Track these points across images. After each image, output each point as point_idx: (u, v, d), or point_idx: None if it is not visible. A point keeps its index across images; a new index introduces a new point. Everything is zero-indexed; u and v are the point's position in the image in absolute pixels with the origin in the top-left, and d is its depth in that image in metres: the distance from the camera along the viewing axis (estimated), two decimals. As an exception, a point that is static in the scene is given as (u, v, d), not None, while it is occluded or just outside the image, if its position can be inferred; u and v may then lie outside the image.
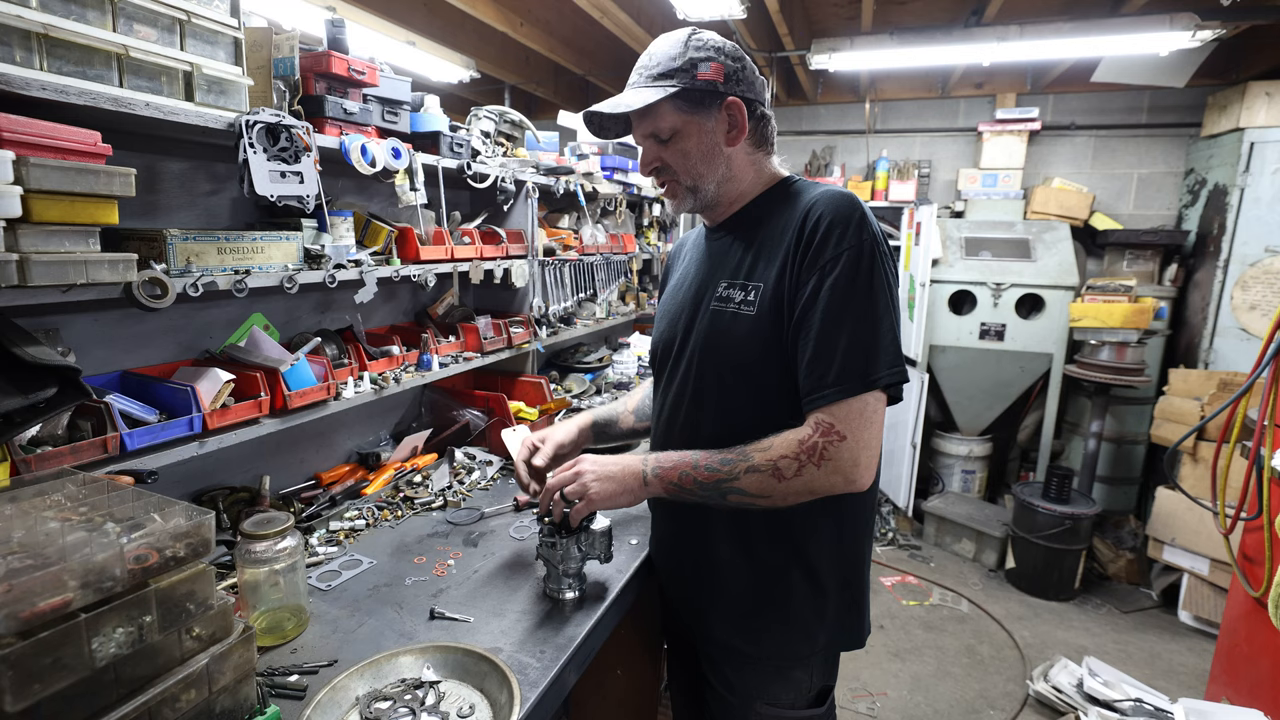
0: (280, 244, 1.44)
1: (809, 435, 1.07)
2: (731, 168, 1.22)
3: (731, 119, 1.18)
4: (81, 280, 1.02)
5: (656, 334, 1.41)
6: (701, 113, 1.17)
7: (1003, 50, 3.34)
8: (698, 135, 1.18)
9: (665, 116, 1.18)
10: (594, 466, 1.22)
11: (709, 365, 1.23)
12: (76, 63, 1.07)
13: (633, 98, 1.16)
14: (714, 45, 1.16)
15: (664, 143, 1.20)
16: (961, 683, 2.91)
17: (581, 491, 1.20)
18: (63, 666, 0.73)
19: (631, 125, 1.25)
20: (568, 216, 2.79)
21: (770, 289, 1.15)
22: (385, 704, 1.02)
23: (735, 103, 1.17)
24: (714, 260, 1.28)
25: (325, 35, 1.57)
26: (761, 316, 1.15)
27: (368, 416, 2.11)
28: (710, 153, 1.20)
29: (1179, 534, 3.32)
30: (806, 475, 1.07)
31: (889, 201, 4.66)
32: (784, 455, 1.08)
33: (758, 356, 1.16)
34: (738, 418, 1.19)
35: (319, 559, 1.50)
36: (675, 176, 1.23)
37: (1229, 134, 3.68)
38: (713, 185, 1.23)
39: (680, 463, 1.16)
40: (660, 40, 1.19)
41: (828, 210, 1.11)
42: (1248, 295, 3.61)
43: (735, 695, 1.29)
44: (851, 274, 1.07)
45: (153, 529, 0.83)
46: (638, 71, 1.20)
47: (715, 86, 1.15)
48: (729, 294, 1.21)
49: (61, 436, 1.17)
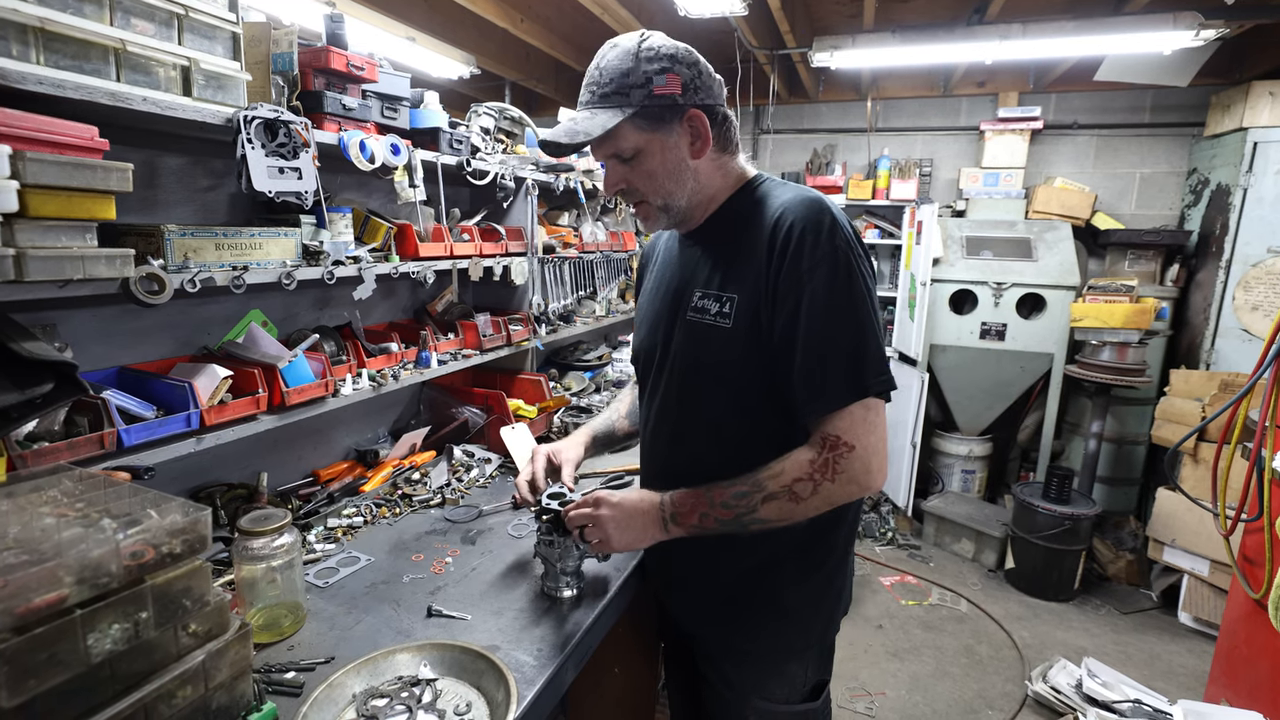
0: (278, 240, 1.43)
1: (818, 454, 1.07)
2: (699, 179, 1.18)
3: (694, 131, 1.14)
4: (78, 276, 1.02)
5: (637, 340, 1.41)
6: (663, 129, 1.12)
7: (1005, 49, 3.33)
8: (661, 153, 1.14)
9: (625, 137, 1.12)
10: (613, 512, 1.19)
11: (689, 376, 1.22)
12: (73, 57, 1.06)
13: (589, 124, 1.10)
14: (667, 54, 1.10)
15: (627, 161, 1.16)
16: (960, 683, 2.91)
17: (603, 537, 1.19)
18: (58, 662, 0.72)
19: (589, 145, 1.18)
20: (567, 214, 2.78)
21: (746, 300, 1.14)
22: (382, 701, 1.02)
23: (697, 114, 1.13)
24: (688, 267, 1.26)
25: (324, 30, 1.56)
26: (738, 328, 1.14)
27: (366, 414, 2.11)
28: (677, 169, 1.16)
29: (1179, 535, 3.32)
30: (823, 492, 1.07)
31: (890, 200, 4.65)
32: (797, 478, 1.08)
33: (738, 368, 1.16)
34: (722, 426, 1.20)
35: (316, 556, 1.50)
36: (644, 197, 1.19)
37: (1232, 134, 3.67)
38: (683, 200, 1.19)
39: (697, 504, 1.14)
40: (608, 52, 1.12)
41: (798, 219, 1.09)
42: (1250, 296, 3.60)
43: (732, 691, 1.29)
44: (830, 282, 1.06)
45: (149, 525, 0.83)
46: (588, 88, 1.13)
47: (674, 100, 1.10)
48: (704, 304, 1.19)
49: (58, 432, 1.16)
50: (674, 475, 1.27)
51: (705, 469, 1.21)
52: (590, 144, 1.13)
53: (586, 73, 1.15)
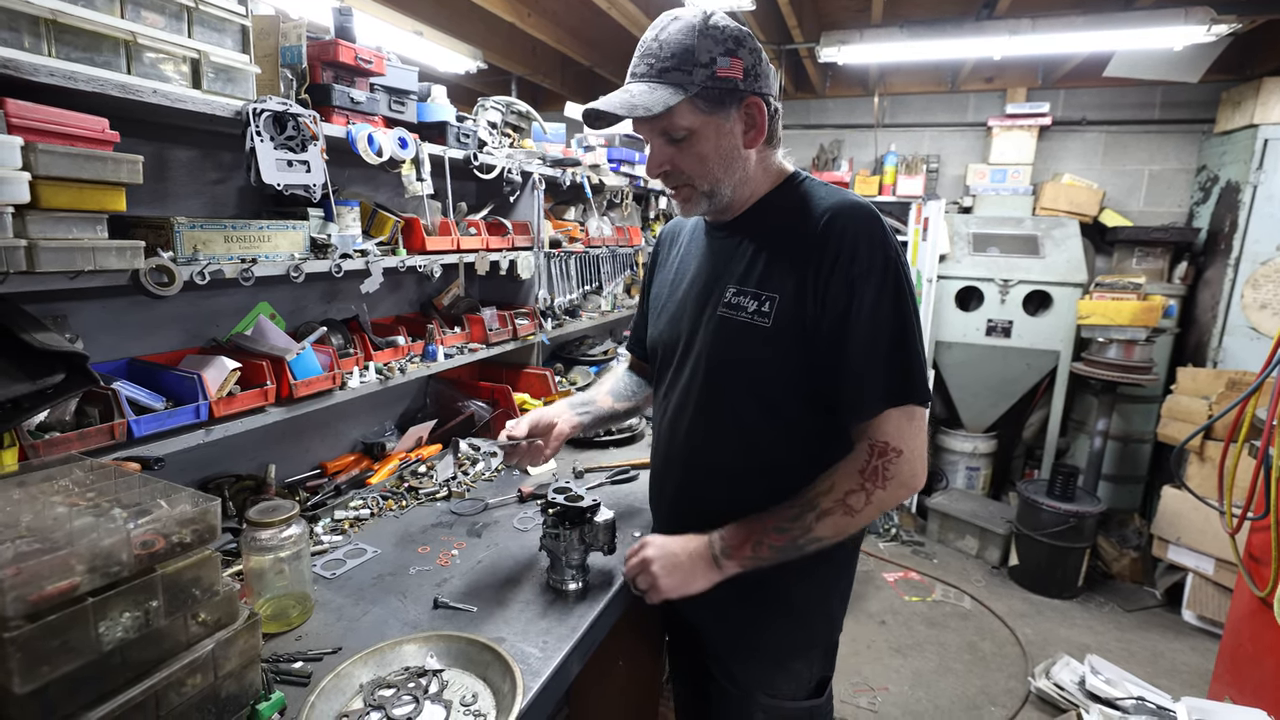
0: (287, 233, 1.44)
1: (867, 461, 1.07)
2: (748, 169, 1.15)
3: (750, 119, 1.10)
4: (89, 267, 1.03)
5: (655, 330, 1.36)
6: (720, 113, 1.08)
7: (1014, 44, 3.31)
8: (716, 137, 1.09)
9: (682, 117, 1.08)
10: (660, 554, 1.18)
11: (717, 374, 1.19)
12: (84, 49, 1.07)
13: (648, 98, 1.04)
14: (733, 35, 1.06)
15: (676, 142, 1.11)
16: (963, 679, 2.91)
17: (652, 584, 1.18)
18: (70, 649, 0.73)
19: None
20: (574, 208, 2.78)
21: (789, 302, 1.10)
22: (389, 691, 1.02)
23: (756, 102, 1.09)
24: (719, 260, 1.23)
25: (333, 24, 1.56)
26: (779, 329, 1.11)
27: (373, 406, 2.12)
28: (729, 156, 1.12)
29: (1184, 533, 3.31)
30: (876, 499, 1.07)
31: (897, 196, 4.63)
32: (850, 490, 1.07)
33: (774, 370, 1.13)
34: (745, 424, 1.18)
35: (324, 547, 1.51)
36: (690, 180, 1.14)
37: (1242, 130, 3.64)
38: (729, 189, 1.15)
39: (749, 535, 1.12)
40: (670, 23, 1.07)
41: (850, 223, 1.07)
42: (1258, 294, 3.58)
43: (737, 687, 1.30)
44: (882, 289, 1.05)
45: (159, 515, 0.83)
46: (645, 59, 1.08)
47: (736, 85, 1.06)
48: (739, 301, 1.15)
49: (69, 422, 1.17)
50: (691, 468, 1.27)
51: (725, 465, 1.20)
52: (640, 119, 1.08)
53: (642, 42, 1.10)
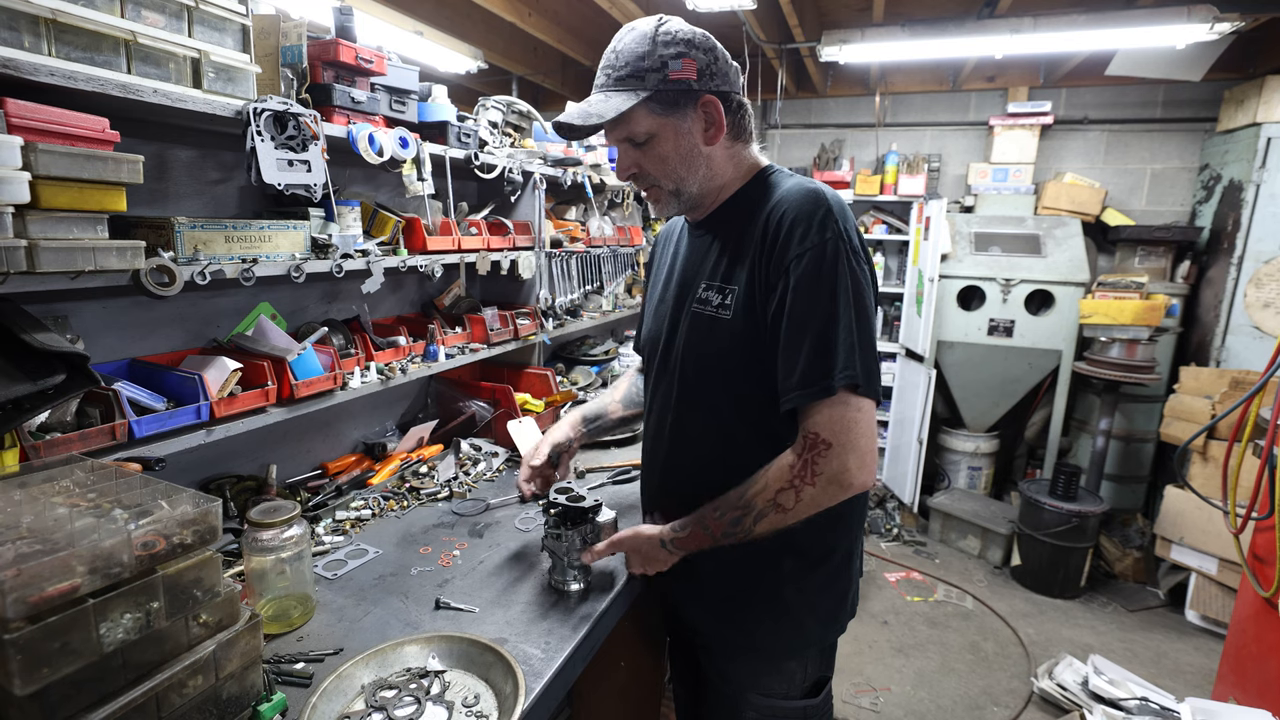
0: (287, 233, 1.44)
1: (798, 456, 1.08)
2: (712, 166, 1.18)
3: (708, 117, 1.14)
4: (90, 267, 1.03)
5: (645, 329, 1.41)
6: (677, 114, 1.12)
7: (1015, 43, 3.30)
8: (674, 138, 1.14)
9: (639, 121, 1.12)
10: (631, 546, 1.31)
11: (693, 369, 1.22)
12: (84, 49, 1.07)
13: (602, 106, 1.10)
14: (684, 38, 1.10)
15: (640, 146, 1.16)
16: (965, 679, 2.91)
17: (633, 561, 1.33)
18: (71, 651, 0.73)
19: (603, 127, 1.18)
20: (575, 208, 2.78)
21: (743, 292, 1.14)
22: (391, 693, 1.02)
23: (711, 100, 1.13)
24: (695, 258, 1.26)
25: (333, 23, 1.56)
26: (737, 320, 1.14)
27: (374, 407, 2.12)
28: (689, 154, 1.16)
29: (1187, 533, 3.30)
30: (806, 497, 1.07)
31: (898, 196, 4.62)
32: (780, 489, 1.08)
33: (738, 360, 1.15)
34: (722, 420, 1.20)
35: (325, 548, 1.51)
36: (656, 181, 1.19)
37: (1245, 129, 3.63)
38: (695, 186, 1.19)
39: (694, 533, 1.19)
40: (625, 35, 1.13)
41: (790, 208, 1.09)
42: (1262, 293, 3.57)
43: (728, 685, 1.30)
44: (814, 273, 1.05)
45: (160, 516, 0.83)
46: (604, 71, 1.13)
47: (689, 85, 1.10)
48: (708, 296, 1.20)
49: (70, 423, 1.17)
50: (671, 469, 1.28)
51: (703, 464, 1.21)
52: (603, 127, 1.13)
53: (603, 56, 1.15)
